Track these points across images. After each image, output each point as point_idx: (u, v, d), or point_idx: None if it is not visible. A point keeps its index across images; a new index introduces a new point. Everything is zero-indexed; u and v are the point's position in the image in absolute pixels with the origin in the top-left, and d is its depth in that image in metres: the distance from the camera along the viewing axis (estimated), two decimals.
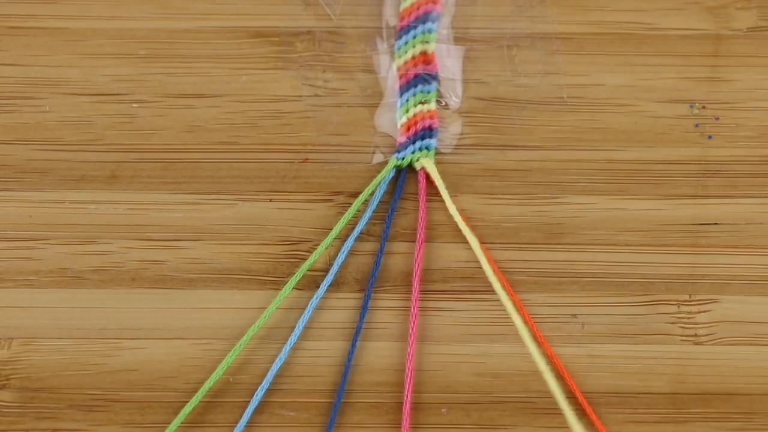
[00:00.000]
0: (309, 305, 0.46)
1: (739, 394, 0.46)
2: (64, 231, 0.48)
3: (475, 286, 0.47)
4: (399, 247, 0.48)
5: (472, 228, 0.47)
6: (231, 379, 0.46)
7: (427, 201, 0.48)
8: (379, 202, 0.48)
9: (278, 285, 0.47)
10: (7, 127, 0.48)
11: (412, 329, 0.46)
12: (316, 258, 0.47)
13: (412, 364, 0.46)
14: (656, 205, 0.48)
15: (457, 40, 0.50)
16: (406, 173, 0.49)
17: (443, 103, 0.49)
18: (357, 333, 0.46)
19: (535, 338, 0.46)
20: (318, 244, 0.47)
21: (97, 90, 0.49)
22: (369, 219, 0.48)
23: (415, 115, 0.49)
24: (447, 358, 0.47)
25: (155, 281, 0.47)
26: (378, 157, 0.48)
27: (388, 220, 0.48)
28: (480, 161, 0.48)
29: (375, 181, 0.48)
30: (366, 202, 0.48)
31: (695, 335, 0.47)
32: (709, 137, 0.49)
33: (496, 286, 0.45)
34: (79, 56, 0.49)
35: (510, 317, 0.46)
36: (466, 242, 0.47)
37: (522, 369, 0.46)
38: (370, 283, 0.47)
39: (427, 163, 0.48)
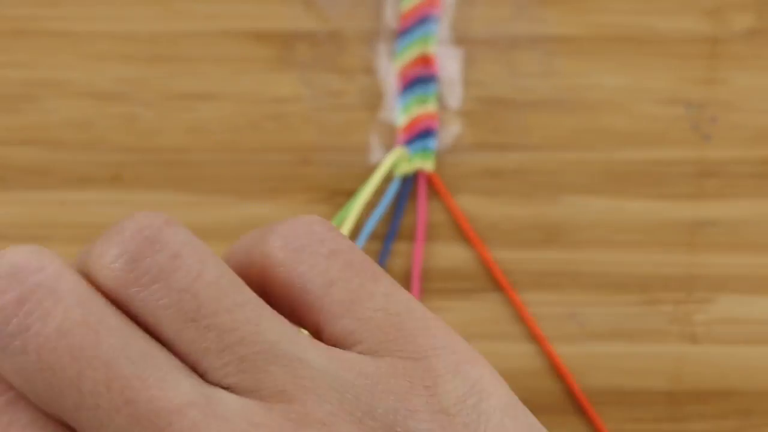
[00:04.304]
0: None
1: (736, 393, 0.46)
2: (66, 231, 0.48)
3: (475, 286, 0.47)
4: (399, 247, 0.48)
5: (472, 228, 0.48)
6: None
7: (427, 201, 0.48)
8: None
9: None
10: (10, 128, 0.49)
11: None
12: None
13: None
14: (654, 206, 0.48)
15: (457, 41, 0.50)
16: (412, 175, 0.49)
17: (443, 105, 0.49)
18: None
19: (535, 337, 0.47)
20: None
21: (99, 91, 0.49)
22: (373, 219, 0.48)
23: (415, 117, 0.49)
24: None
25: None
26: (378, 158, 0.49)
27: (395, 221, 0.48)
28: (480, 161, 0.48)
29: (374, 181, 0.48)
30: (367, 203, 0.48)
31: (693, 334, 0.47)
32: (707, 138, 0.49)
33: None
34: (82, 58, 0.49)
35: (510, 317, 0.46)
36: (467, 242, 0.48)
37: (522, 369, 0.46)
38: None
39: (426, 164, 0.49)
